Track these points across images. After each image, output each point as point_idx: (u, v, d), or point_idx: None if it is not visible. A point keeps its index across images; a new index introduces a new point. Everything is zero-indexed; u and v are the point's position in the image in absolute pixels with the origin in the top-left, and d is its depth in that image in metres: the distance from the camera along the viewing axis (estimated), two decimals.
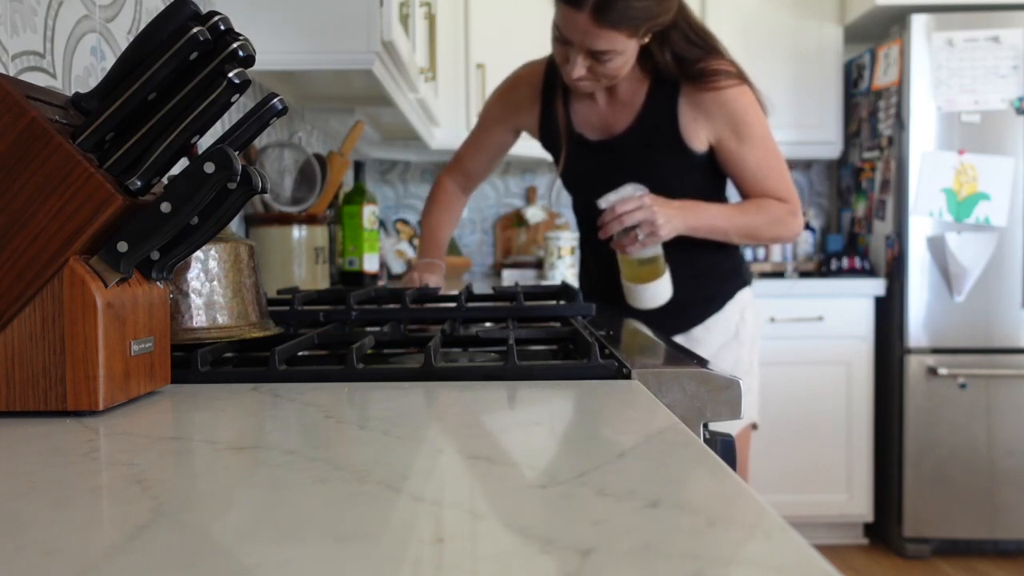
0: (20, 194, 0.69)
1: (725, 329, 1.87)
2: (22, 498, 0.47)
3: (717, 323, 1.87)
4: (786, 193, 1.82)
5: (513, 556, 0.38)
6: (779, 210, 1.80)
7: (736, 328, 1.88)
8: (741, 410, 0.84)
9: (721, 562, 0.37)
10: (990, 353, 3.17)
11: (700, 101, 1.74)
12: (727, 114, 1.74)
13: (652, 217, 1.64)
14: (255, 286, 0.99)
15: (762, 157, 1.78)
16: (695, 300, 1.86)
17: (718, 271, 1.89)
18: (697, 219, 1.74)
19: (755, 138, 1.77)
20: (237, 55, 0.72)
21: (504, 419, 0.72)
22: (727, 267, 1.90)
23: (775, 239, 1.85)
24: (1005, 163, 3.14)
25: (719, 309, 1.87)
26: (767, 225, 1.81)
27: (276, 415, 0.73)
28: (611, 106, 1.81)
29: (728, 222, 1.78)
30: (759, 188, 1.80)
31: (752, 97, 1.77)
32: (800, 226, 1.85)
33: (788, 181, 1.83)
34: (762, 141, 1.78)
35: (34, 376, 0.69)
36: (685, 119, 1.75)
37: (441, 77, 3.09)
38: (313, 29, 1.68)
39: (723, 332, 1.87)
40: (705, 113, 1.74)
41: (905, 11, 3.23)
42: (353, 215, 2.23)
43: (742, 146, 1.77)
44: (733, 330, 1.87)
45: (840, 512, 3.28)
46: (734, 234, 1.79)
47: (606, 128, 1.83)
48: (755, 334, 1.92)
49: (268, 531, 0.42)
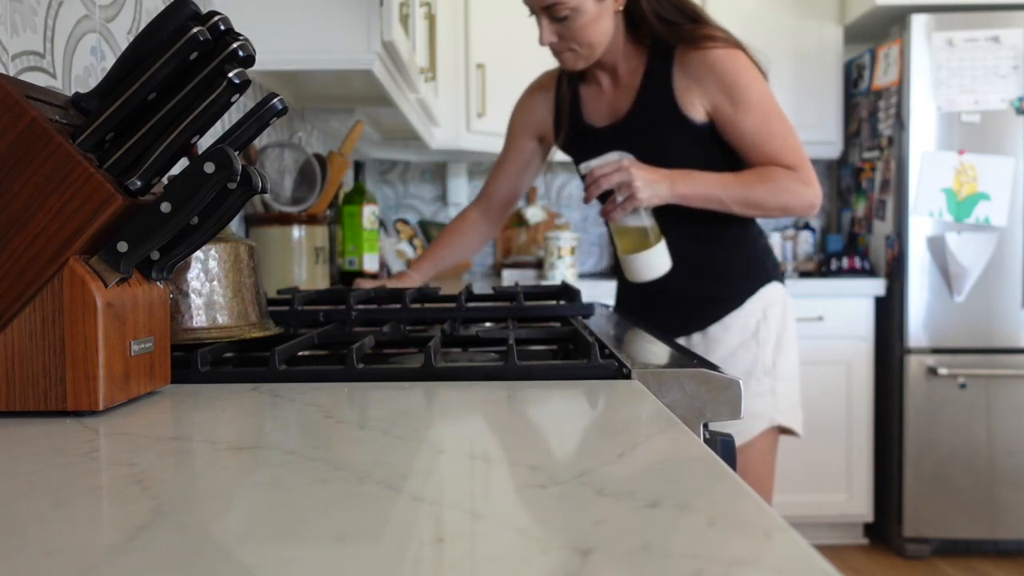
0: (20, 194, 0.69)
1: (744, 327, 1.78)
2: (22, 498, 0.47)
3: (736, 321, 1.78)
4: (793, 158, 1.70)
5: (513, 556, 0.38)
6: (784, 177, 1.69)
7: (756, 327, 1.78)
8: (741, 410, 0.84)
9: (721, 562, 0.37)
10: (990, 353, 3.17)
11: (690, 66, 1.69)
12: (717, 77, 1.68)
13: (629, 179, 1.61)
14: (255, 286, 0.99)
15: (760, 121, 1.69)
16: (712, 296, 1.79)
17: (737, 265, 1.81)
18: (688, 186, 1.66)
19: (751, 101, 1.68)
20: (237, 55, 0.72)
21: (504, 419, 0.72)
22: (747, 261, 1.81)
23: (783, 209, 1.72)
24: (1005, 163, 3.14)
25: (738, 306, 1.78)
26: (770, 193, 1.69)
27: (276, 415, 0.73)
28: (615, 90, 1.80)
29: (724, 190, 1.68)
30: (762, 155, 1.70)
31: (745, 60, 1.70)
32: (814, 195, 1.71)
33: (795, 146, 1.71)
34: (760, 104, 1.69)
35: (34, 376, 0.69)
36: (680, 88, 1.71)
37: (441, 77, 3.09)
38: (313, 29, 1.68)
39: (741, 330, 1.78)
40: (696, 79, 1.69)
41: (905, 11, 3.24)
42: (353, 215, 2.23)
43: (737, 111, 1.69)
44: (752, 328, 1.78)
45: (840, 512, 3.28)
46: (732, 203, 1.69)
47: (612, 113, 1.81)
48: (782, 334, 1.80)
49: (268, 531, 0.42)
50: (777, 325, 1.79)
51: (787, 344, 1.79)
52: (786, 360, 1.79)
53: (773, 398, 1.75)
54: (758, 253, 1.83)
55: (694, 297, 1.77)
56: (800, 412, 1.81)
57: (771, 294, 1.80)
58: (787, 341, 1.80)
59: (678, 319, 1.81)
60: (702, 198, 1.68)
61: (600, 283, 3.41)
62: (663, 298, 1.80)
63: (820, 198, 1.72)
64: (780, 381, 1.77)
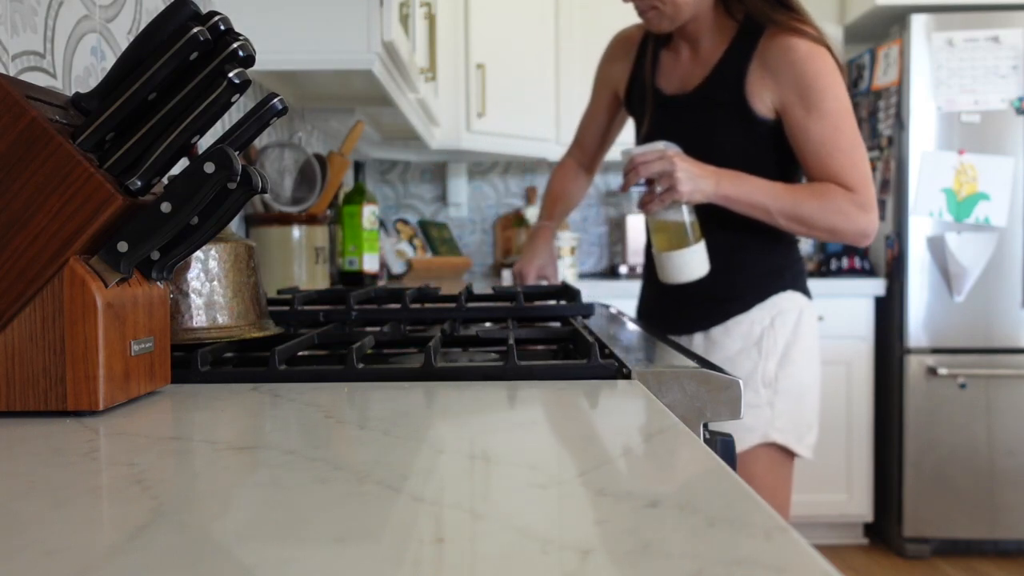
0: (20, 194, 0.69)
1: (748, 333, 1.67)
2: (22, 498, 0.47)
3: (739, 325, 1.68)
4: (856, 179, 1.58)
5: (513, 556, 0.38)
6: (840, 198, 1.58)
7: (760, 335, 1.66)
8: (741, 410, 0.84)
9: (721, 562, 0.37)
10: (990, 353, 3.17)
11: (770, 55, 1.60)
12: (796, 75, 1.57)
13: (671, 169, 1.52)
14: (255, 286, 0.99)
15: (830, 133, 1.58)
16: (718, 296, 1.69)
17: (753, 268, 1.69)
18: (734, 188, 1.56)
19: (824, 110, 1.58)
20: (237, 55, 0.72)
21: (504, 419, 0.72)
22: (767, 265, 1.69)
23: (831, 231, 1.60)
24: (1005, 163, 3.14)
25: (744, 310, 1.68)
26: (820, 211, 1.57)
27: (276, 415, 0.73)
28: (692, 62, 1.72)
29: (772, 200, 1.57)
30: (822, 169, 1.59)
31: (831, 62, 1.59)
32: (868, 223, 1.59)
33: (860, 166, 1.59)
34: (833, 115, 1.58)
35: (34, 376, 0.69)
36: (753, 76, 1.62)
37: (441, 77, 3.09)
38: (313, 29, 1.68)
39: (743, 336, 1.67)
40: (773, 72, 1.60)
41: (905, 11, 3.24)
42: (353, 215, 2.23)
43: (809, 115, 1.58)
44: (756, 336, 1.66)
45: (840, 512, 3.28)
46: (778, 214, 1.58)
47: (683, 83, 1.72)
48: (791, 346, 1.66)
49: (268, 531, 0.42)
50: (786, 336, 1.67)
51: (796, 358, 1.66)
52: (792, 375, 1.65)
53: (771, 412, 1.64)
54: (779, 259, 1.71)
55: (699, 295, 1.68)
56: (810, 434, 1.68)
57: (784, 303, 1.69)
58: (796, 355, 1.66)
59: (684, 317, 1.75)
60: (747, 203, 1.58)
61: (600, 283, 3.41)
62: (674, 294, 1.71)
63: (875, 227, 1.61)
64: (781, 396, 1.64)
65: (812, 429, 1.69)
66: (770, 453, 1.63)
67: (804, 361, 1.67)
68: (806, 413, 1.67)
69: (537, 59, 3.52)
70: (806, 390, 1.67)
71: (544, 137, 3.52)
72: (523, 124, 3.47)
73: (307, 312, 1.22)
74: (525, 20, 3.44)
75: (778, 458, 1.64)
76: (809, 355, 1.68)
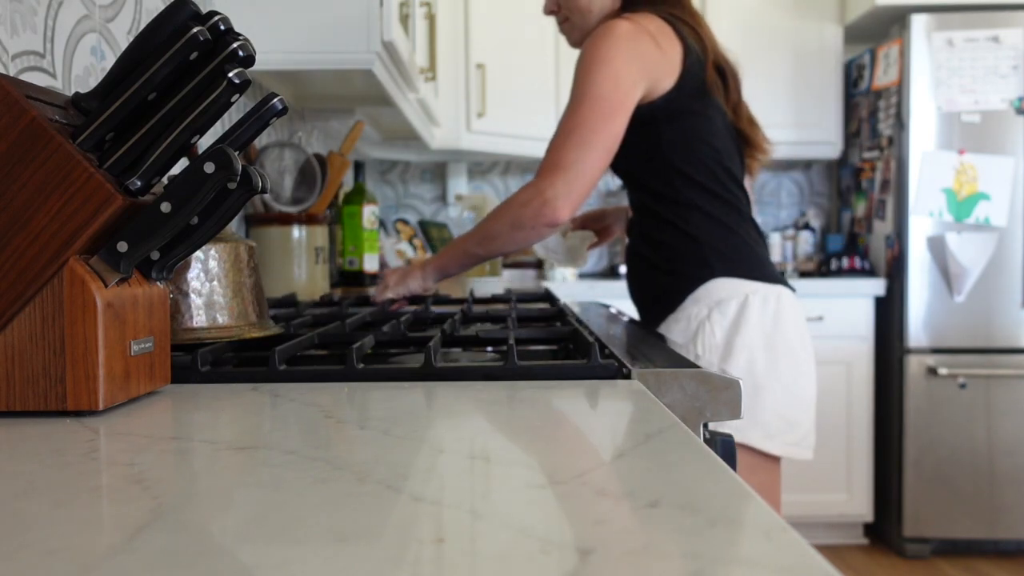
0: (20, 194, 0.69)
1: (685, 329, 1.57)
2: (22, 498, 0.47)
3: (677, 322, 1.59)
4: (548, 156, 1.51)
5: (513, 556, 0.38)
6: (517, 193, 1.53)
7: (696, 329, 1.56)
8: (741, 410, 0.84)
9: (721, 562, 0.37)
10: (990, 353, 3.17)
11: None
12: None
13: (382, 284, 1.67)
14: (255, 286, 0.99)
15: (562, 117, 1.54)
16: (654, 295, 1.65)
17: (673, 262, 1.61)
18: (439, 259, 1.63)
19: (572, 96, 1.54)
20: (237, 55, 0.72)
21: (504, 419, 0.72)
22: (689, 256, 1.60)
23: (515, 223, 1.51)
24: (1005, 163, 3.14)
25: (676, 305, 1.59)
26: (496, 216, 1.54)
27: (276, 415, 0.73)
28: None
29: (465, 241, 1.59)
30: None
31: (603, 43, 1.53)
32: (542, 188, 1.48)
33: (557, 140, 1.51)
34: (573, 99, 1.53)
35: (34, 376, 0.69)
36: None
37: (441, 77, 3.09)
38: (313, 29, 1.68)
39: (682, 332, 1.58)
40: None
41: (905, 11, 3.24)
42: (353, 215, 2.23)
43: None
44: (693, 331, 1.56)
45: (840, 512, 3.28)
46: (476, 247, 1.57)
47: None
48: (732, 337, 1.54)
49: (268, 531, 0.42)
50: (725, 327, 1.54)
51: (739, 350, 1.53)
52: (740, 368, 1.52)
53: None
54: (700, 245, 1.59)
55: (642, 296, 1.68)
56: (792, 431, 1.54)
57: (720, 292, 1.56)
58: (739, 347, 1.53)
59: (642, 317, 1.72)
60: (455, 260, 1.61)
61: (600, 283, 3.41)
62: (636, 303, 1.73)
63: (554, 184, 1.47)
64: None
65: (795, 426, 1.55)
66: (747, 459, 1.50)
67: (756, 351, 1.53)
68: (773, 408, 1.53)
69: (537, 59, 3.52)
70: (768, 382, 1.53)
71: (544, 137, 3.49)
72: (523, 124, 3.47)
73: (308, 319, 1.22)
74: (525, 20, 3.44)
75: (745, 461, 1.48)
76: (763, 343, 1.54)
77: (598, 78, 1.50)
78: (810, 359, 1.61)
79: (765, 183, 3.95)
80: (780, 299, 1.59)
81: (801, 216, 3.92)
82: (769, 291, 1.58)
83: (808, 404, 1.58)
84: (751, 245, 1.63)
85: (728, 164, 1.63)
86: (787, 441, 1.54)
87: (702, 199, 1.60)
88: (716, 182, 1.61)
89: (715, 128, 1.62)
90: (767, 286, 1.59)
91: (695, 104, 1.60)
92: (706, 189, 1.60)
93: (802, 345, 1.60)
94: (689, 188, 1.60)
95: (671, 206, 1.61)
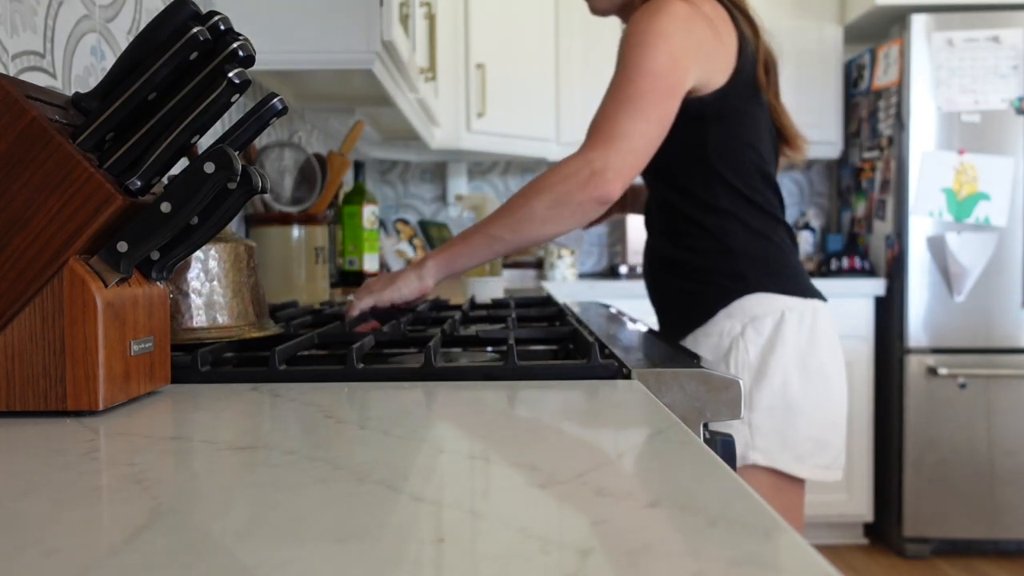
0: (20, 194, 0.69)
1: (716, 346, 1.48)
2: (22, 498, 0.47)
3: (708, 337, 1.49)
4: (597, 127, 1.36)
5: (513, 556, 0.38)
6: (558, 165, 1.36)
7: (729, 346, 1.46)
8: (741, 410, 0.84)
9: (721, 562, 0.37)
10: (990, 353, 3.17)
11: None
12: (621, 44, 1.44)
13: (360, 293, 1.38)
14: (255, 286, 0.99)
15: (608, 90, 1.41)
16: (675, 305, 1.55)
17: (699, 267, 1.51)
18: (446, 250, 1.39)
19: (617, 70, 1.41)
20: (237, 55, 0.72)
21: (504, 419, 0.72)
22: (724, 267, 1.49)
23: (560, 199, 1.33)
24: (1005, 163, 3.14)
25: (707, 319, 1.49)
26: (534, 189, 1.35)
27: (276, 415, 0.73)
28: None
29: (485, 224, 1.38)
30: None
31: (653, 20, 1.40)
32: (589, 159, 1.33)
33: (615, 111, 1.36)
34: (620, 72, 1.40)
35: (34, 376, 0.69)
36: None
37: (441, 77, 3.09)
38: (313, 29, 1.68)
39: (712, 349, 1.48)
40: None
41: (905, 11, 3.24)
42: (353, 215, 2.23)
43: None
44: (725, 348, 1.47)
45: (840, 512, 3.28)
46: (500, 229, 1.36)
47: None
48: (768, 355, 1.45)
49: (268, 531, 0.42)
50: (760, 346, 1.46)
51: (774, 370, 1.44)
52: (774, 389, 1.44)
53: (748, 432, 1.42)
54: (736, 256, 1.49)
55: (665, 303, 1.58)
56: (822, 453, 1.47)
57: (755, 308, 1.47)
58: (775, 366, 1.44)
59: (663, 326, 1.63)
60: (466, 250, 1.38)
61: (600, 283, 3.41)
62: (655, 302, 1.64)
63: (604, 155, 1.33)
64: (759, 413, 1.43)
65: (826, 447, 1.47)
66: (759, 477, 1.44)
67: (791, 372, 1.45)
68: (806, 431, 1.46)
69: (537, 59, 3.52)
70: (801, 404, 1.45)
71: (544, 137, 3.52)
72: (523, 124, 3.47)
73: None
74: (525, 20, 3.44)
75: (770, 482, 1.44)
76: (797, 363, 1.46)
77: (657, 53, 1.37)
78: (842, 376, 1.53)
79: None
80: (816, 315, 1.50)
81: (801, 216, 3.92)
82: (805, 307, 1.49)
83: (840, 424, 1.52)
84: (787, 254, 1.55)
85: (768, 168, 1.55)
86: (818, 464, 1.47)
87: (740, 207, 1.50)
88: (755, 190, 1.52)
89: (759, 130, 1.53)
90: (803, 301, 1.50)
91: (746, 104, 1.50)
92: (745, 197, 1.50)
93: (835, 363, 1.52)
94: (727, 194, 1.49)
95: (706, 211, 1.50)
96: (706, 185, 1.50)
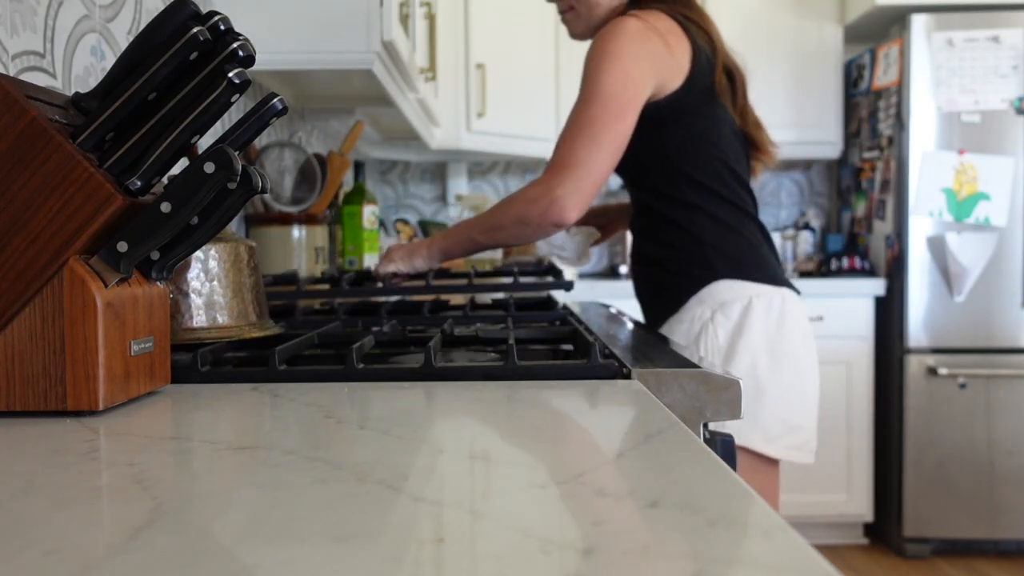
0: (20, 194, 0.69)
1: (688, 331, 1.56)
2: (22, 498, 0.47)
3: (680, 323, 1.57)
4: (558, 154, 1.49)
5: (513, 556, 0.38)
6: (524, 188, 1.52)
7: (699, 330, 1.54)
8: (741, 410, 0.84)
9: (721, 562, 0.37)
10: (990, 353, 3.17)
11: None
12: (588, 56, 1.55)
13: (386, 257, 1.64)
14: (255, 286, 0.99)
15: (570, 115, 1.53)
16: (653, 295, 1.64)
17: (676, 260, 1.60)
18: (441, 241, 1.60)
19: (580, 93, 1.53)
20: (237, 55, 0.72)
21: (504, 419, 0.72)
22: (689, 255, 1.58)
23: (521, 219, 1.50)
24: (1005, 163, 3.14)
25: (679, 306, 1.58)
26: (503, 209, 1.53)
27: (276, 415, 0.73)
28: None
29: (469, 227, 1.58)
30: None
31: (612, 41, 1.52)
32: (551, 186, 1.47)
33: (566, 137, 1.50)
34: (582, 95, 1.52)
35: (34, 376, 0.69)
36: None
37: (441, 77, 3.09)
38: (313, 29, 1.68)
39: (684, 334, 1.56)
40: None
41: (905, 11, 3.24)
42: (353, 215, 2.23)
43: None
44: (696, 332, 1.55)
45: (840, 512, 3.28)
46: (479, 235, 1.56)
47: None
48: (735, 339, 1.53)
49: (268, 531, 0.42)
50: (728, 330, 1.53)
51: (742, 353, 1.51)
52: (741, 371, 1.49)
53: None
54: (704, 246, 1.57)
55: (645, 294, 1.67)
56: (793, 434, 1.53)
57: (724, 294, 1.55)
58: (743, 350, 1.52)
59: (645, 316, 1.71)
60: (457, 246, 1.60)
61: (600, 283, 3.41)
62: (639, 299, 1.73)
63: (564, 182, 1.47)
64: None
65: (797, 430, 1.54)
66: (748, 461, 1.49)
67: (759, 355, 1.52)
68: (774, 411, 1.52)
69: (537, 59, 3.52)
70: (769, 386, 1.51)
71: (544, 137, 3.52)
72: (523, 124, 3.47)
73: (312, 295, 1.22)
74: (525, 20, 3.44)
75: (744, 463, 1.47)
76: (766, 347, 1.53)
77: (608, 76, 1.49)
78: (813, 363, 1.59)
79: (765, 183, 3.95)
80: (784, 302, 1.57)
81: (801, 216, 3.92)
82: (774, 294, 1.56)
83: (810, 408, 1.57)
84: (756, 246, 1.62)
85: (734, 166, 1.61)
86: (788, 445, 1.53)
87: (706, 200, 1.58)
88: (721, 183, 1.59)
89: (721, 130, 1.60)
90: (771, 288, 1.57)
91: (702, 106, 1.59)
92: (711, 190, 1.58)
93: (806, 349, 1.58)
94: (693, 189, 1.58)
95: (675, 206, 1.59)
96: (672, 182, 1.60)
